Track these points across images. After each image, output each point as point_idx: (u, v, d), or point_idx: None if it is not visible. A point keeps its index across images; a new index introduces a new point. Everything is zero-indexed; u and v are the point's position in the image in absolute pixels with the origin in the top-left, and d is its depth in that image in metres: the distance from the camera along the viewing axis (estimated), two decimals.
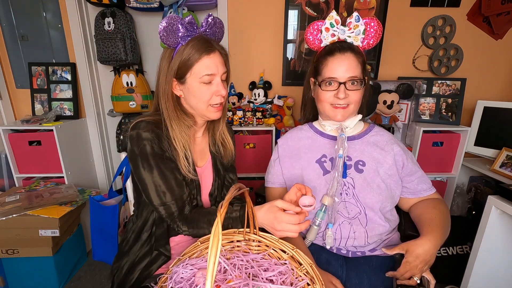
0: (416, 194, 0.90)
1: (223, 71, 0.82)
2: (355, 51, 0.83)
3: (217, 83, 0.81)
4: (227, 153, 0.96)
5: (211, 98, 0.81)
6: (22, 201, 1.49)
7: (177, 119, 0.82)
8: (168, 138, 0.81)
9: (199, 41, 0.77)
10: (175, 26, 0.76)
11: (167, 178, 0.78)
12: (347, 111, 0.86)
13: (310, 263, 0.66)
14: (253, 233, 0.73)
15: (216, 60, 0.79)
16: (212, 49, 0.78)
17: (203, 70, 0.78)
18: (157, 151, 0.78)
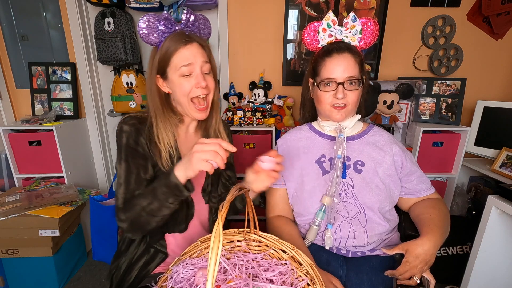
0: (415, 194, 0.90)
1: (202, 60, 0.80)
2: (352, 51, 0.83)
3: (197, 74, 0.79)
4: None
5: (192, 91, 0.80)
6: (22, 201, 1.49)
7: (163, 117, 0.83)
8: (150, 134, 0.81)
9: (177, 35, 0.78)
10: (153, 25, 0.78)
11: (129, 172, 0.78)
12: (345, 111, 0.86)
13: (310, 263, 0.66)
14: (253, 233, 0.73)
15: (194, 51, 0.79)
16: (189, 40, 0.78)
17: (180, 61, 0.77)
18: (131, 145, 0.79)
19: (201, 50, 0.80)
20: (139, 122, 0.82)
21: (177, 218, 0.86)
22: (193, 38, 0.79)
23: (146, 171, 0.80)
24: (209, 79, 0.83)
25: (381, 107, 1.64)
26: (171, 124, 0.84)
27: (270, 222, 0.95)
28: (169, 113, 0.84)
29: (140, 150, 0.80)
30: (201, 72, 0.80)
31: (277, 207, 0.96)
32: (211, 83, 0.83)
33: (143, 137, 0.81)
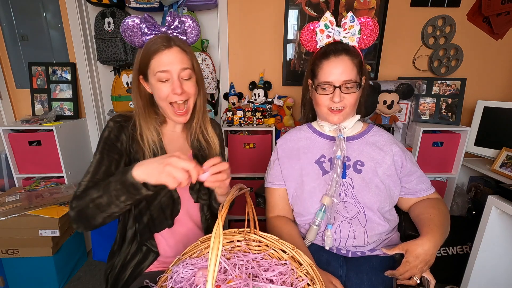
0: (415, 194, 0.90)
1: (181, 67, 0.78)
2: (350, 53, 0.83)
3: (174, 80, 0.78)
4: (211, 153, 0.94)
5: (169, 96, 0.79)
6: (22, 201, 1.49)
7: (145, 116, 0.83)
8: (133, 133, 0.82)
9: (158, 38, 0.78)
10: (136, 27, 0.78)
11: (100, 163, 0.77)
12: (342, 114, 0.86)
13: (310, 264, 0.66)
14: (253, 233, 0.73)
15: (172, 57, 0.77)
16: (168, 45, 0.77)
17: (157, 66, 0.77)
18: (111, 138, 0.80)
19: (181, 56, 0.78)
20: (125, 120, 0.84)
21: (163, 214, 0.86)
22: (173, 43, 0.78)
23: (117, 167, 0.80)
24: (188, 84, 0.81)
25: (381, 107, 1.64)
26: (154, 123, 0.85)
27: (270, 222, 0.95)
28: (151, 113, 0.85)
29: (118, 146, 0.81)
30: (178, 78, 0.78)
31: (277, 207, 0.96)
32: (191, 88, 0.82)
33: (125, 134, 0.82)
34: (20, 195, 1.55)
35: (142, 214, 0.85)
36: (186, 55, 0.80)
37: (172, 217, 0.88)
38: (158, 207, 0.86)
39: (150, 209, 0.85)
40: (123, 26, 0.78)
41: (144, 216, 0.85)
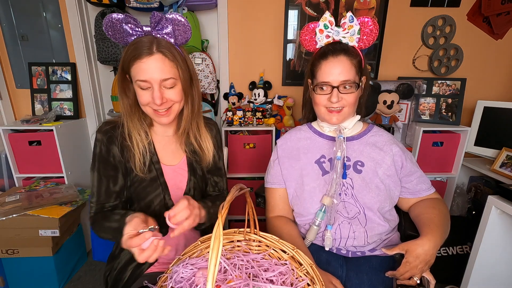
0: (415, 194, 0.90)
1: (161, 78, 0.72)
2: (349, 53, 0.82)
3: (154, 90, 0.73)
4: (204, 158, 0.91)
5: (151, 103, 0.75)
6: (22, 201, 1.49)
7: (132, 117, 0.81)
8: (123, 139, 0.80)
9: (139, 42, 0.72)
10: (119, 25, 0.73)
11: (100, 183, 0.81)
12: (341, 114, 0.86)
13: (311, 264, 0.66)
14: (253, 233, 0.73)
15: (152, 66, 0.71)
16: (147, 52, 0.70)
17: (136, 74, 0.72)
18: (103, 154, 0.80)
19: (162, 64, 0.72)
20: (112, 128, 0.81)
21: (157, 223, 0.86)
22: (156, 48, 0.71)
23: (116, 182, 0.82)
24: (171, 92, 0.76)
25: (381, 107, 1.64)
26: (142, 125, 0.83)
27: (270, 222, 0.95)
28: (138, 113, 0.82)
29: (111, 161, 0.81)
30: (159, 88, 0.73)
31: (277, 207, 0.96)
32: (174, 96, 0.76)
33: (116, 144, 0.81)
34: (20, 195, 1.55)
35: None
36: (170, 62, 0.73)
37: (166, 226, 0.84)
38: (152, 216, 0.82)
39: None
40: (105, 24, 0.73)
41: None
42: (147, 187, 0.85)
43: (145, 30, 0.73)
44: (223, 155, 1.00)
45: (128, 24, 0.72)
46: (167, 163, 0.89)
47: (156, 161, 0.86)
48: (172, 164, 0.89)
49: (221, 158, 0.98)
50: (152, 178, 0.85)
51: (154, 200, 0.86)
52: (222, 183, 0.99)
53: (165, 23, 0.73)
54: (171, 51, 0.73)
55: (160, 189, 0.86)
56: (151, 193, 0.85)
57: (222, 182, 0.99)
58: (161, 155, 0.88)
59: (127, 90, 0.79)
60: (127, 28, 0.72)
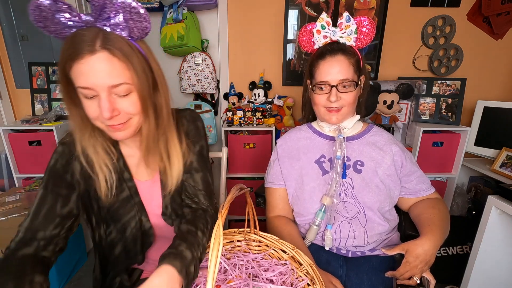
0: (415, 194, 0.90)
1: (110, 84, 0.55)
2: (346, 52, 0.83)
3: (101, 99, 0.55)
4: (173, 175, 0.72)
5: (99, 116, 0.58)
6: (22, 201, 1.49)
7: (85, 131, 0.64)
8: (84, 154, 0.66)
9: (76, 37, 0.53)
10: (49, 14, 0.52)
11: (42, 201, 0.64)
12: (341, 114, 0.86)
13: (311, 264, 0.66)
14: (253, 233, 0.73)
15: (96, 68, 0.53)
16: (88, 50, 0.52)
17: (76, 79, 0.55)
18: (57, 168, 0.66)
19: (110, 66, 0.54)
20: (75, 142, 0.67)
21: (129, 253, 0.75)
22: (100, 44, 0.53)
23: (65, 204, 0.66)
24: (125, 103, 0.58)
25: (381, 107, 1.64)
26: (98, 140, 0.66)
27: (270, 222, 0.95)
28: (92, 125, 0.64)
29: (67, 178, 0.67)
30: (108, 97, 0.56)
31: (277, 207, 0.96)
32: (131, 107, 0.59)
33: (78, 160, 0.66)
34: (20, 195, 1.55)
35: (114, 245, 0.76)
36: (120, 62, 0.55)
37: (142, 252, 0.76)
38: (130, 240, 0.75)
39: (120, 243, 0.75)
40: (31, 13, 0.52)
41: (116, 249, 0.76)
42: (120, 208, 0.72)
43: (85, 20, 0.54)
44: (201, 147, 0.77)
45: (61, 13, 0.52)
46: (142, 178, 0.75)
47: (128, 178, 0.72)
48: (148, 179, 0.75)
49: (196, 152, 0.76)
50: (124, 198, 0.72)
51: (129, 222, 0.74)
52: (205, 184, 0.76)
53: (113, 11, 0.53)
54: (121, 48, 0.54)
55: (135, 210, 0.73)
56: (124, 215, 0.73)
57: (200, 184, 0.75)
58: (135, 169, 0.74)
59: (74, 98, 0.60)
60: (60, 17, 0.52)
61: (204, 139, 0.78)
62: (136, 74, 0.57)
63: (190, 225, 0.66)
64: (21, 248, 0.61)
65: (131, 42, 0.57)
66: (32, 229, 0.62)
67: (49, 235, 0.64)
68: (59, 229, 0.65)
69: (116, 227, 0.75)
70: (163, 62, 1.86)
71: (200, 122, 0.78)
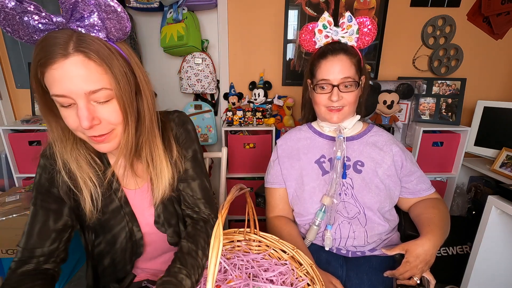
0: (415, 194, 0.90)
1: (87, 90, 0.50)
2: (348, 52, 0.83)
3: (79, 108, 0.51)
4: (160, 181, 0.67)
5: (79, 126, 0.53)
6: (22, 201, 1.49)
7: (66, 144, 0.61)
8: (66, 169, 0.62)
9: (47, 40, 0.49)
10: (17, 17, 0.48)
11: (34, 219, 0.62)
12: (342, 113, 0.86)
13: (311, 264, 0.66)
14: (253, 233, 0.73)
15: (70, 73, 0.49)
16: (61, 54, 0.48)
17: (50, 86, 0.50)
18: (42, 183, 0.64)
19: (86, 70, 0.49)
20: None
21: (117, 265, 0.74)
22: (73, 47, 0.49)
23: (58, 219, 0.63)
24: (105, 110, 0.54)
25: (381, 107, 1.64)
26: (82, 152, 0.62)
27: (270, 222, 0.95)
28: (73, 138, 0.61)
29: (54, 192, 0.64)
30: (87, 105, 0.51)
31: (277, 207, 0.96)
32: (112, 115, 0.54)
33: (65, 172, 0.62)
34: (20, 195, 1.55)
35: (103, 256, 0.75)
36: (97, 66, 0.50)
37: (131, 262, 0.75)
38: (120, 251, 0.73)
39: (110, 254, 0.74)
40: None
41: (105, 260, 0.75)
42: (110, 220, 0.70)
43: (56, 22, 0.50)
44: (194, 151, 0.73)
45: (28, 15, 0.48)
46: (132, 186, 0.72)
47: (117, 188, 0.69)
48: (138, 187, 0.72)
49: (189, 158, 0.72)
50: (114, 209, 0.69)
51: (119, 234, 0.71)
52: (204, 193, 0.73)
53: (86, 10, 0.49)
54: (98, 51, 0.50)
55: (125, 221, 0.71)
56: (115, 227, 0.71)
57: (203, 192, 0.73)
58: (123, 178, 0.70)
59: (52, 108, 0.56)
60: (29, 20, 0.48)
61: (196, 142, 0.74)
62: (116, 79, 0.52)
63: (191, 243, 0.63)
64: (21, 266, 0.60)
65: (109, 44, 0.53)
66: (28, 248, 0.60)
67: (47, 251, 0.62)
68: (57, 244, 0.64)
69: (106, 238, 0.72)
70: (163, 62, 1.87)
71: (190, 125, 0.74)
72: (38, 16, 0.49)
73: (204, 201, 0.72)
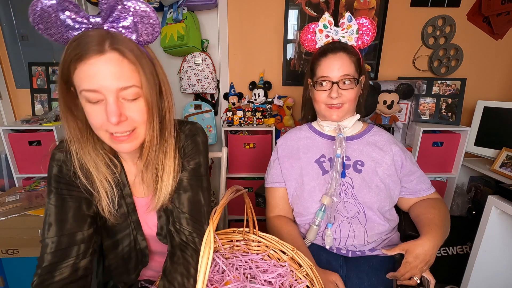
0: (415, 194, 0.90)
1: (119, 86, 0.52)
2: (348, 51, 0.84)
3: (108, 103, 0.52)
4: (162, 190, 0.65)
5: (104, 124, 0.54)
6: (22, 201, 1.49)
7: (85, 145, 0.60)
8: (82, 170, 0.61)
9: (83, 37, 0.51)
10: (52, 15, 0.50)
11: (64, 205, 0.59)
12: (342, 110, 0.86)
13: (310, 265, 0.66)
14: (252, 233, 0.73)
15: (104, 69, 0.50)
16: (97, 50, 0.50)
17: (81, 83, 0.52)
18: (65, 173, 0.62)
19: (119, 67, 0.51)
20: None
21: (124, 267, 0.73)
22: (109, 45, 0.51)
23: (90, 206, 0.63)
24: (134, 108, 0.55)
25: (381, 107, 1.64)
26: (100, 154, 0.62)
27: (270, 222, 0.95)
28: (94, 140, 0.62)
29: (76, 183, 0.61)
30: (116, 101, 0.53)
31: (277, 206, 0.96)
32: (139, 113, 0.56)
33: (81, 173, 0.61)
34: (20, 195, 1.55)
35: (104, 257, 0.74)
36: (131, 64, 0.53)
37: (136, 271, 0.74)
38: (120, 258, 0.72)
39: (109, 258, 0.72)
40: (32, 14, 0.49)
41: (105, 260, 0.74)
42: (116, 225, 0.70)
43: (93, 22, 0.52)
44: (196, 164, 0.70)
45: (66, 12, 0.49)
46: (141, 194, 0.71)
47: (128, 194, 0.69)
48: (145, 196, 0.71)
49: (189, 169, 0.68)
50: (121, 215, 0.69)
51: (122, 240, 0.71)
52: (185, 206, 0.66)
53: (123, 12, 0.51)
54: (131, 50, 0.52)
55: (130, 228, 0.71)
56: (119, 232, 0.70)
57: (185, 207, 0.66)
58: (134, 185, 0.70)
59: (73, 108, 0.57)
60: (66, 18, 0.50)
61: (203, 155, 0.71)
62: (146, 78, 0.54)
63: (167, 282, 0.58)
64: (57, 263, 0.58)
65: (139, 46, 0.55)
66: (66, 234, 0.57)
67: (87, 235, 0.60)
68: (92, 229, 0.62)
69: (106, 242, 0.71)
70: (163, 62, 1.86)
71: (201, 137, 0.71)
72: (76, 14, 0.51)
73: (189, 216, 0.65)
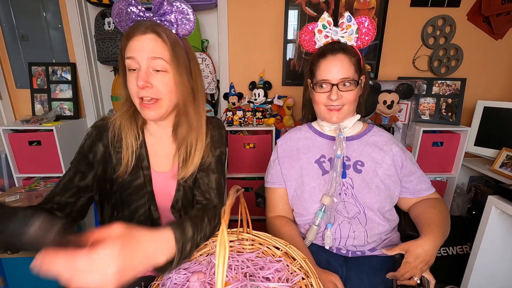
0: (415, 194, 0.90)
1: (150, 55, 0.66)
2: (347, 51, 0.83)
3: (140, 70, 0.67)
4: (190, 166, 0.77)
5: (136, 90, 0.69)
6: (22, 201, 1.49)
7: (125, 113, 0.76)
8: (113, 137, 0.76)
9: (135, 24, 0.69)
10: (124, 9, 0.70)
11: (65, 175, 0.73)
12: (341, 112, 0.86)
13: (304, 258, 0.66)
14: (246, 232, 0.73)
15: (143, 44, 0.66)
16: (144, 30, 0.66)
17: (126, 53, 0.68)
18: (84, 148, 0.77)
19: (153, 44, 0.66)
20: (106, 125, 0.79)
21: None
22: (151, 29, 0.67)
23: (82, 179, 0.74)
24: (158, 78, 0.68)
25: (381, 107, 1.64)
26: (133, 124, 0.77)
27: (270, 222, 0.95)
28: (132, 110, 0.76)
29: (89, 157, 0.76)
30: (146, 70, 0.67)
31: (277, 207, 0.96)
32: (161, 83, 0.69)
33: (103, 144, 0.77)
34: (20, 195, 1.55)
35: None
36: (163, 43, 0.67)
37: None
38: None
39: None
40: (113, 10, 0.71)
41: None
42: (132, 194, 0.78)
43: (146, 15, 0.70)
44: (221, 152, 0.84)
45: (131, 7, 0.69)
46: (159, 169, 0.81)
47: (146, 167, 0.79)
48: (164, 171, 0.81)
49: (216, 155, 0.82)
50: (138, 185, 0.78)
51: (138, 209, 0.79)
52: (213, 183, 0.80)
53: (167, 9, 0.69)
54: (169, 35, 0.68)
55: (146, 198, 0.79)
56: (135, 202, 0.78)
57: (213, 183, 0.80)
58: (153, 159, 0.80)
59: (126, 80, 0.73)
60: (131, 12, 0.69)
61: (225, 146, 0.86)
62: (175, 57, 0.68)
63: (198, 212, 0.69)
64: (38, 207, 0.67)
65: (178, 38, 0.71)
66: (51, 194, 0.70)
67: (64, 201, 0.70)
68: (74, 199, 0.72)
69: (124, 214, 0.79)
70: None
71: (224, 131, 0.87)
72: (137, 9, 0.70)
73: (217, 192, 0.79)
